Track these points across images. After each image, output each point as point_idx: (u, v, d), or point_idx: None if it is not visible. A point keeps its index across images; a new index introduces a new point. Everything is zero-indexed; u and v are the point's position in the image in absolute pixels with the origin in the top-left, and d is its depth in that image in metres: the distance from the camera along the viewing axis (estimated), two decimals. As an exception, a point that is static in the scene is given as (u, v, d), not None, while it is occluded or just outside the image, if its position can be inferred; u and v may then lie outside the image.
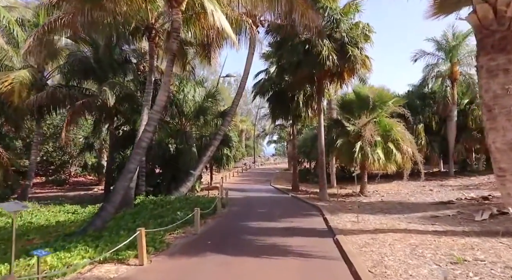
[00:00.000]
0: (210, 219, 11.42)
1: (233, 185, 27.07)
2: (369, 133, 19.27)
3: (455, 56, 25.67)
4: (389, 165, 19.66)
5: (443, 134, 26.98)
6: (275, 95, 22.05)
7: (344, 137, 19.89)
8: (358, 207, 15.50)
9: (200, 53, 20.20)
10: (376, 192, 21.93)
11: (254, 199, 17.94)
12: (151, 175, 20.79)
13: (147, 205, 14.15)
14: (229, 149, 21.37)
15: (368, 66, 17.48)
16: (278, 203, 16.31)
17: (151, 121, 10.41)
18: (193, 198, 14.98)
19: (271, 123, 43.88)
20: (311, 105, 21.84)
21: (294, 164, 23.71)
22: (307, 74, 18.69)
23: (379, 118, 20.22)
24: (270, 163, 62.19)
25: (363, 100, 20.60)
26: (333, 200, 18.08)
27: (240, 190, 22.97)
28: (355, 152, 19.08)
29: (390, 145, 19.57)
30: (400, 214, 12.40)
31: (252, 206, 14.96)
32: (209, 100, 21.07)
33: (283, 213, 12.91)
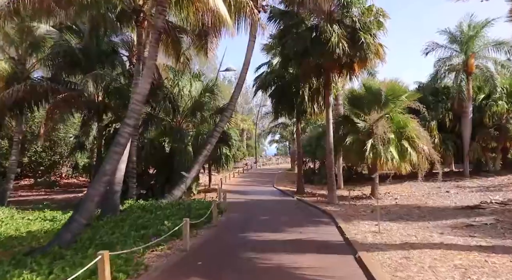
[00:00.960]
0: (204, 229, 9.72)
1: (233, 186, 25.37)
2: (382, 130, 17.56)
3: (471, 48, 23.91)
4: (403, 165, 17.97)
5: (457, 131, 25.22)
6: (278, 90, 20.35)
7: (354, 135, 18.20)
8: (372, 212, 13.91)
9: (197, 44, 18.58)
10: (388, 194, 20.22)
11: (256, 203, 16.25)
12: (144, 176, 19.18)
13: (135, 211, 12.51)
14: (229, 148, 19.69)
15: (381, 55, 15.78)
16: (283, 208, 14.62)
17: (132, 113, 8.75)
18: (187, 203, 13.30)
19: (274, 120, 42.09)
20: (317, 100, 20.14)
21: (299, 164, 22.00)
22: (314, 65, 17.02)
23: (392, 114, 18.53)
24: (272, 163, 60.47)
25: (374, 94, 18.91)
26: (343, 204, 16.40)
27: (240, 192, 21.28)
28: (366, 150, 17.41)
29: (404, 143, 17.86)
30: (424, 222, 10.71)
31: (253, 212, 13.26)
32: (206, 95, 19.41)
33: (289, 220, 11.23)
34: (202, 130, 19.99)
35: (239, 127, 56.67)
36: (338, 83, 20.37)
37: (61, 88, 15.94)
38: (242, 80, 15.77)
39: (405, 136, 17.91)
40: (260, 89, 21.25)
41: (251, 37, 15.39)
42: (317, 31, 14.84)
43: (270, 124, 47.99)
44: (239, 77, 15.81)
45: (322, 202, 16.24)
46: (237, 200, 17.47)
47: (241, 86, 15.81)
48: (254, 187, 24.95)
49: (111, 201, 12.25)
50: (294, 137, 41.12)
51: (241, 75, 15.73)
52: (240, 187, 24.83)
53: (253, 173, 41.07)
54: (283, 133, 53.36)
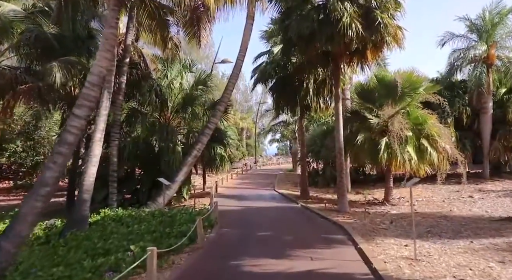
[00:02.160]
0: (185, 254, 7.50)
1: (230, 190, 23.14)
2: (398, 126, 15.38)
3: (492, 37, 21.71)
4: (422, 167, 15.79)
5: (476, 129, 23.03)
6: (279, 82, 18.12)
7: (365, 132, 16.01)
8: (392, 223, 11.76)
9: (188, 31, 16.41)
10: (403, 198, 18.03)
11: (254, 212, 14.00)
12: (128, 180, 16.99)
13: (107, 224, 10.37)
14: (224, 148, 17.48)
15: (399, 39, 13.55)
16: (286, 219, 12.38)
17: (84, 100, 6.56)
18: (172, 214, 11.14)
19: (274, 117, 39.91)
20: (323, 94, 17.93)
21: (303, 165, 19.76)
22: (321, 53, 14.85)
23: (410, 109, 16.34)
24: (272, 163, 58.22)
25: (388, 87, 16.73)
26: (354, 211, 14.22)
27: (237, 197, 19.08)
28: (380, 150, 15.25)
29: (423, 142, 15.69)
30: (465, 240, 8.53)
31: (250, 225, 10.98)
32: (199, 88, 17.21)
33: (295, 238, 9.03)
34: (195, 128, 17.79)
35: (238, 126, 54.53)
36: (346, 74, 18.12)
37: (30, 78, 13.74)
38: (238, 69, 13.57)
39: (424, 133, 15.74)
40: (259, 81, 19.03)
41: (248, 18, 13.22)
42: (326, 11, 12.65)
43: (270, 123, 45.66)
44: (234, 65, 13.64)
45: (331, 210, 14.05)
46: (233, 207, 15.26)
47: (236, 76, 13.62)
48: (253, 191, 22.72)
49: (77, 212, 10.09)
50: (295, 136, 38.94)
51: (236, 62, 13.54)
52: (238, 191, 22.62)
53: (253, 174, 38.86)
54: (284, 132, 51.14)
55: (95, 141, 10.35)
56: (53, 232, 9.86)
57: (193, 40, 17.19)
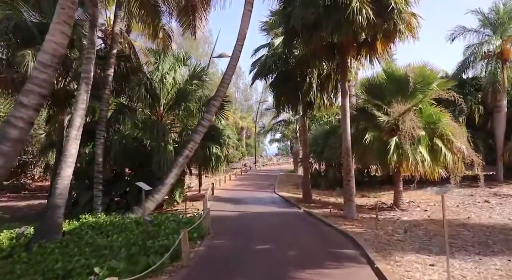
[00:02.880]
0: (166, 276, 6.17)
1: (227, 192, 21.83)
2: (410, 125, 14.08)
3: (507, 30, 20.39)
4: (435, 169, 14.50)
5: (489, 129, 21.72)
6: (280, 77, 16.80)
7: (374, 131, 14.73)
8: (406, 232, 10.46)
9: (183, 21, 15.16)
10: (412, 203, 16.75)
11: (252, 219, 12.64)
12: (117, 182, 15.72)
13: (84, 233, 9.10)
14: (220, 147, 16.14)
15: (413, 28, 12.25)
16: (288, 227, 11.01)
17: (33, 85, 5.22)
18: (158, 221, 9.88)
19: (275, 117, 38.58)
20: (328, 89, 16.62)
21: (305, 167, 18.41)
22: (326, 45, 13.54)
23: (422, 106, 15.04)
24: (273, 163, 56.88)
25: (398, 82, 15.43)
26: (362, 218, 12.93)
27: (234, 200, 17.76)
28: (389, 150, 13.96)
29: (437, 142, 14.39)
30: (499, 256, 7.25)
31: (247, 235, 9.61)
32: (193, 83, 15.91)
33: (299, 253, 7.72)
34: (190, 126, 16.48)
35: (238, 125, 53.22)
36: (352, 69, 16.84)
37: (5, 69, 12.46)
38: (235, 60, 12.26)
39: (438, 133, 14.45)
40: (259, 76, 17.70)
41: (246, 4, 11.93)
42: (333, -5, 11.36)
43: (271, 122, 44.27)
44: (231, 56, 12.32)
45: (337, 217, 12.74)
46: (229, 213, 13.95)
47: (233, 67, 12.31)
48: (252, 193, 21.40)
49: (48, 220, 8.79)
50: (297, 135, 37.65)
51: (234, 52, 12.23)
52: (236, 193, 21.31)
53: (252, 174, 37.54)
54: (284, 132, 49.83)
55: (70, 139, 9.07)
56: (19, 243, 8.57)
57: (188, 30, 15.98)
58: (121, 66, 14.44)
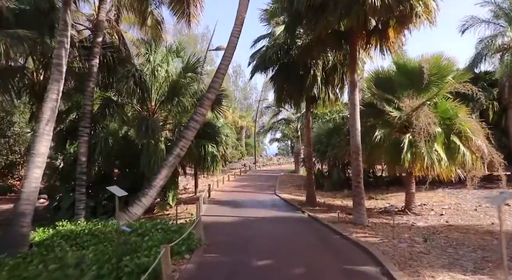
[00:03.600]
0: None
1: (224, 195, 20.51)
2: (426, 121, 12.80)
3: (524, 21, 19.14)
4: (453, 169, 13.23)
5: (503, 126, 20.44)
6: (282, 69, 15.52)
7: (384, 128, 13.47)
8: (426, 241, 9.19)
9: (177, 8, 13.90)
10: (425, 206, 15.48)
11: (252, 226, 11.25)
12: (103, 183, 14.38)
13: (56, 246, 7.83)
14: (216, 146, 14.80)
15: (430, 11, 10.96)
16: (292, 237, 9.65)
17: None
18: (144, 230, 8.58)
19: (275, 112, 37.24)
20: (333, 83, 15.34)
21: (309, 166, 17.07)
22: (333, 32, 12.27)
23: (438, 99, 13.77)
24: (273, 163, 55.53)
25: (411, 75, 14.18)
26: (373, 223, 11.66)
27: (232, 203, 16.46)
28: (402, 149, 12.71)
29: (454, 140, 13.13)
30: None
31: (245, 247, 8.20)
32: (187, 76, 14.61)
33: (308, 272, 6.41)
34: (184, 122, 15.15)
35: (237, 124, 51.90)
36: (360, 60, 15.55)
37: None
38: (232, 48, 10.96)
39: (456, 130, 13.17)
40: (259, 69, 16.38)
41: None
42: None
43: (270, 120, 42.83)
44: (228, 43, 11.04)
45: (345, 223, 11.44)
46: (226, 218, 12.62)
47: (230, 57, 11.02)
48: (252, 195, 20.08)
49: (13, 229, 7.50)
50: (298, 134, 36.38)
51: (230, 40, 10.94)
52: (234, 195, 20.00)
53: (252, 175, 36.21)
54: (284, 131, 48.54)
55: (38, 135, 7.79)
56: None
57: (182, 19, 14.71)
58: (107, 57, 13.16)
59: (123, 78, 12.57)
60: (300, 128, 36.22)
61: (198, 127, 10.97)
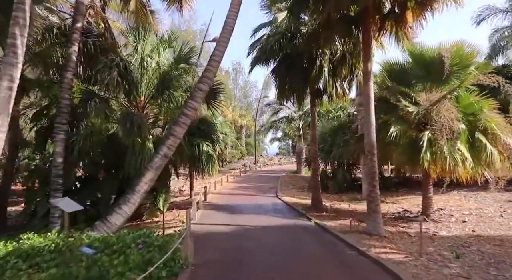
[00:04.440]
0: None
1: (222, 198, 19.01)
2: (448, 116, 11.34)
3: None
4: (479, 171, 11.75)
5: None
6: (284, 60, 14.04)
7: (400, 124, 11.99)
8: (458, 258, 7.72)
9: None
10: (442, 211, 13.98)
11: (250, 238, 9.64)
12: (85, 186, 13.02)
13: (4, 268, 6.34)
14: (212, 145, 13.29)
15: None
16: (298, 253, 8.04)
17: None
18: (120, 246, 7.10)
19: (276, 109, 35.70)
20: (341, 75, 13.84)
21: (315, 167, 15.53)
22: (342, 16, 10.82)
23: (460, 92, 12.30)
24: (274, 163, 54.03)
25: (429, 65, 12.75)
26: (390, 232, 10.20)
27: (230, 208, 14.98)
28: (421, 148, 11.25)
29: (480, 137, 11.66)
30: None
31: (242, 268, 6.70)
32: (179, 67, 13.14)
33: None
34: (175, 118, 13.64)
35: (237, 123, 50.44)
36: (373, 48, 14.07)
37: None
38: (228, 33, 9.47)
39: (481, 126, 11.71)
40: (259, 61, 14.88)
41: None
42: None
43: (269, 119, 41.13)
44: (223, 27, 9.54)
45: (360, 233, 9.95)
46: (221, 227, 11.10)
47: (226, 42, 9.50)
48: (251, 199, 18.58)
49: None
50: (300, 133, 34.90)
51: (226, 23, 9.44)
52: (232, 199, 18.51)
53: (252, 175, 34.73)
54: (286, 130, 47.06)
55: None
56: None
57: (173, 4, 13.27)
58: (88, 45, 11.68)
59: (105, 68, 11.08)
60: (302, 127, 34.75)
61: (189, 123, 9.50)
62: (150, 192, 13.35)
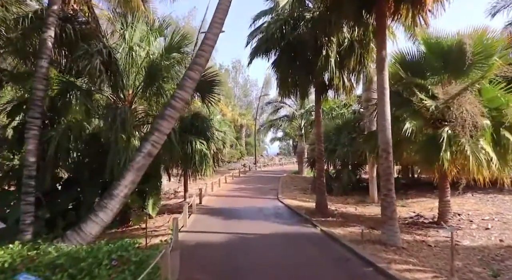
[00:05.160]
0: None
1: (219, 200, 17.71)
2: (471, 111, 10.09)
3: None
4: (506, 171, 10.50)
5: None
6: (287, 50, 12.78)
7: (415, 120, 10.76)
8: (496, 276, 6.45)
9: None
10: (460, 216, 12.69)
11: (248, 250, 8.32)
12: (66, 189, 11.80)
13: None
14: (206, 143, 11.92)
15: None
16: (305, 270, 6.88)
17: None
18: (88, 263, 5.84)
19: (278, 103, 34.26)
20: (349, 66, 12.56)
21: (320, 168, 14.19)
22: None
23: (484, 84, 11.03)
24: (274, 163, 52.73)
25: (447, 55, 11.53)
26: (407, 242, 8.93)
27: (226, 213, 13.70)
28: (440, 147, 10.00)
29: (506, 135, 10.41)
30: None
31: None
32: (171, 56, 11.89)
33: None
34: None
35: (237, 122, 49.17)
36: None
37: None
38: (222, 12, 8.18)
39: (508, 122, 10.45)
40: (258, 53, 13.61)
41: None
42: None
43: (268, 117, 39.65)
44: (217, 6, 8.27)
45: (374, 243, 8.68)
46: (214, 237, 9.71)
47: (220, 23, 8.23)
48: (250, 201, 17.28)
49: None
50: (301, 132, 33.63)
51: (220, 1, 8.20)
52: (230, 201, 17.22)
53: (252, 176, 33.44)
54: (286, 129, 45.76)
55: None
56: None
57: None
58: (67, 30, 10.41)
59: (85, 55, 9.82)
60: (304, 126, 33.48)
61: (177, 117, 8.26)
62: (138, 195, 12.15)
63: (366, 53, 12.61)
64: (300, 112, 32.67)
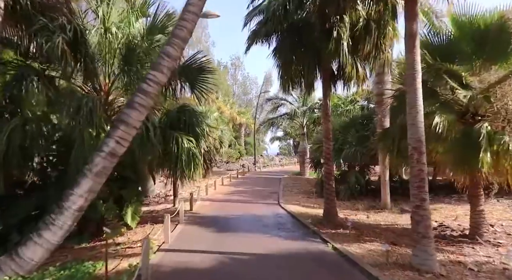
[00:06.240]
0: None
1: (212, 206, 15.71)
2: (517, 101, 8.22)
3: None
4: (559, 177, 8.63)
5: None
6: (291, 34, 10.86)
7: (446, 113, 8.91)
8: None
9: None
10: (492, 227, 10.80)
11: (239, 276, 6.55)
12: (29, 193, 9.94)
13: None
14: (195, 140, 9.97)
15: None
16: None
17: None
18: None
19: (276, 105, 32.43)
20: (363, 51, 10.64)
21: (328, 170, 12.14)
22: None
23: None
24: (275, 164, 50.79)
25: (482, 36, 9.63)
26: (444, 268, 7.03)
27: (219, 223, 11.72)
28: (479, 145, 8.18)
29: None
30: None
31: None
32: (154, 38, 10.03)
33: None
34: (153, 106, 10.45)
35: (236, 121, 47.28)
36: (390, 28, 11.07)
37: None
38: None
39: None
40: (257, 38, 11.70)
41: None
42: None
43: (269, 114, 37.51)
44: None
45: (403, 267, 6.78)
46: (201, 259, 7.56)
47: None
48: (248, 208, 15.31)
49: None
50: (303, 131, 31.74)
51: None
52: (224, 207, 15.27)
53: (251, 177, 31.51)
54: (287, 129, 43.85)
55: None
56: None
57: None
58: (22, 3, 8.50)
59: (43, 31, 7.94)
60: (306, 124, 31.57)
61: (151, 105, 6.39)
62: (115, 202, 10.28)
63: (383, 37, 10.72)
64: (302, 109, 30.77)
